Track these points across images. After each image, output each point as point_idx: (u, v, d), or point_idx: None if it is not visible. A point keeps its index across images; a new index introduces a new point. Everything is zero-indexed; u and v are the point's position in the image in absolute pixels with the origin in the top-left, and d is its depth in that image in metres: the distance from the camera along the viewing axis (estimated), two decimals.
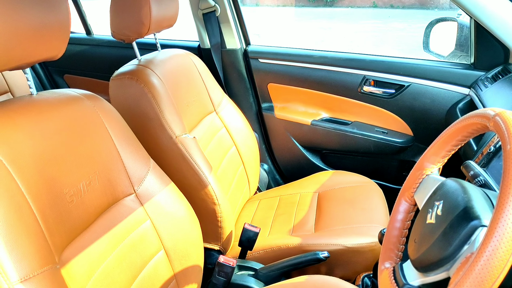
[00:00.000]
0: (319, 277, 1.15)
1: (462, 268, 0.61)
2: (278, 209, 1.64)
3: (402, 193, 0.94)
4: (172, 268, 1.06)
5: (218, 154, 1.57)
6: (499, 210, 0.56)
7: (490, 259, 0.55)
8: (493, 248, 0.55)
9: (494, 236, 0.55)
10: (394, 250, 0.90)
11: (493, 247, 0.55)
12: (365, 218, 1.44)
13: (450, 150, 0.87)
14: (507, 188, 0.57)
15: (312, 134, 1.96)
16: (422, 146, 1.84)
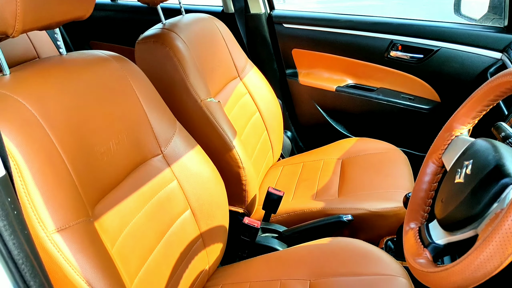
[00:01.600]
0: (343, 238, 1.16)
1: (491, 224, 0.60)
2: (302, 175, 1.64)
3: (429, 154, 0.93)
4: (198, 227, 1.09)
5: (242, 120, 1.57)
6: None
7: None
8: None
9: None
10: (420, 211, 0.89)
11: None
12: (390, 184, 1.43)
13: (481, 110, 0.84)
14: None
15: (337, 100, 1.94)
16: (449, 113, 1.79)
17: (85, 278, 0.66)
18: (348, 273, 1.05)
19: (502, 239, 0.56)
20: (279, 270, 1.12)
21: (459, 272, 0.62)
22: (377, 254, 1.09)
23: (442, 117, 1.81)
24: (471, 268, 0.59)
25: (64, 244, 0.66)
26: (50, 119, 0.73)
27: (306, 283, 1.06)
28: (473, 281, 0.60)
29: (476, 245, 0.59)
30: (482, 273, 0.59)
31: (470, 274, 0.60)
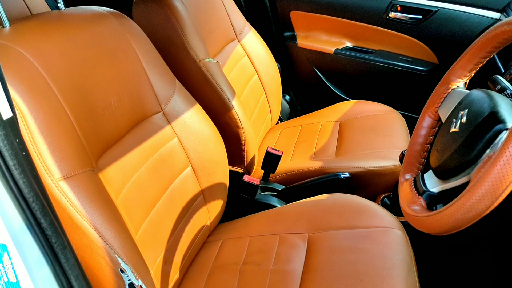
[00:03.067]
0: (340, 194, 1.19)
1: (484, 166, 0.62)
2: (300, 137, 1.66)
3: (426, 108, 0.95)
4: (199, 184, 1.12)
5: (240, 82, 1.57)
6: None
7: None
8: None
9: None
10: (415, 163, 0.92)
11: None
12: (387, 144, 1.46)
13: (478, 63, 0.85)
14: None
15: (335, 63, 1.93)
16: None
17: (92, 224, 0.69)
18: (344, 226, 1.08)
19: (493, 180, 0.58)
20: (279, 225, 1.15)
21: (451, 214, 0.64)
22: (373, 208, 1.13)
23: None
24: (463, 209, 0.62)
25: (70, 191, 0.68)
26: (52, 72, 0.74)
27: (304, 237, 1.09)
28: (465, 222, 0.63)
29: (469, 187, 0.62)
30: (474, 214, 0.61)
31: (462, 215, 0.62)
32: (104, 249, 0.69)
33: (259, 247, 1.10)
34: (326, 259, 1.00)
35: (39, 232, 0.52)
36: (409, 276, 0.93)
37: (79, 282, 0.55)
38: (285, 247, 1.08)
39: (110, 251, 0.69)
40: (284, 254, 1.06)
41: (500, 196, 0.58)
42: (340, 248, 1.03)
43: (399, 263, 0.96)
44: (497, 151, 0.58)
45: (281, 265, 1.03)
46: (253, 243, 1.12)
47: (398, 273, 0.93)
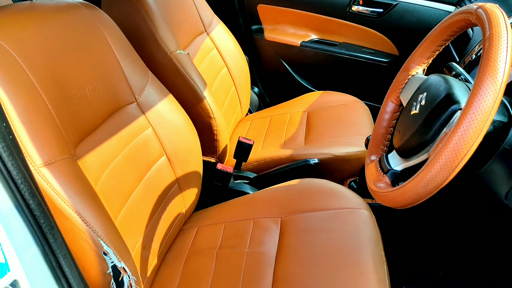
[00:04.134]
0: (309, 179, 1.25)
1: (441, 142, 0.68)
2: (269, 127, 1.71)
3: (389, 94, 1.01)
4: (174, 172, 1.14)
5: (210, 75, 1.60)
6: (477, 86, 0.63)
7: (466, 130, 0.62)
8: (469, 120, 0.62)
9: (471, 110, 0.62)
10: (380, 145, 0.98)
11: (470, 119, 0.62)
12: (352, 131, 1.53)
13: (435, 50, 0.92)
14: (485, 67, 0.64)
15: (302, 55, 1.99)
16: None
17: (74, 208, 0.70)
18: (315, 208, 1.14)
19: (449, 154, 0.64)
20: (252, 210, 1.20)
21: (413, 187, 0.70)
22: (341, 190, 1.19)
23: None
24: (423, 182, 0.68)
25: (52, 177, 0.69)
26: (29, 61, 0.75)
27: (277, 220, 1.14)
28: (425, 194, 0.69)
29: (428, 161, 0.68)
30: (433, 186, 0.67)
31: (423, 188, 0.68)
32: (87, 232, 0.71)
33: (234, 232, 1.14)
34: (298, 240, 1.05)
35: (28, 213, 0.53)
36: (376, 250, 1.00)
37: (67, 261, 0.57)
38: (259, 231, 1.12)
39: (93, 234, 0.71)
40: (258, 237, 1.10)
41: (456, 168, 0.64)
42: (311, 229, 1.08)
43: (367, 240, 1.03)
44: (452, 128, 0.65)
45: (256, 247, 1.07)
46: (228, 229, 1.16)
47: (366, 248, 1.00)
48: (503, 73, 0.62)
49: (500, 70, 0.62)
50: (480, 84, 0.63)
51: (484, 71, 0.63)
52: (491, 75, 0.62)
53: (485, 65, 0.64)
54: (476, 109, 0.62)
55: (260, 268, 1.00)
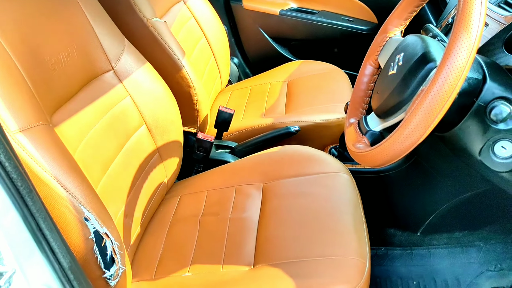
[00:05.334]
0: (290, 146, 1.26)
1: (417, 98, 0.69)
2: (250, 97, 1.70)
3: (367, 57, 1.02)
4: (154, 142, 1.13)
5: (188, 45, 1.57)
6: (451, 43, 0.64)
7: (441, 86, 0.63)
8: (444, 76, 0.63)
9: (445, 66, 0.63)
10: (359, 108, 0.99)
11: (444, 75, 0.63)
12: (332, 99, 1.54)
13: (412, 11, 0.92)
14: (459, 24, 0.64)
15: (281, 24, 1.97)
16: None
17: (53, 175, 0.69)
18: (296, 174, 1.15)
19: (425, 111, 0.65)
20: (234, 178, 1.20)
21: (390, 145, 0.71)
22: (322, 156, 1.20)
23: None
24: (400, 140, 0.69)
25: (28, 143, 0.68)
26: (0, 27, 0.72)
27: (259, 187, 1.15)
28: (402, 151, 0.70)
29: (404, 119, 0.69)
30: (410, 142, 0.68)
31: (400, 145, 0.70)
32: (67, 198, 0.70)
33: (217, 199, 1.15)
34: (280, 205, 1.07)
35: (4, 175, 0.52)
36: (356, 212, 1.02)
37: (48, 224, 0.57)
38: (241, 197, 1.13)
39: (73, 200, 0.71)
40: (240, 203, 1.11)
41: (432, 124, 0.66)
42: (292, 193, 1.10)
43: (347, 202, 1.05)
44: (427, 85, 0.66)
45: (239, 213, 1.08)
46: (211, 196, 1.17)
47: (346, 210, 1.02)
48: (477, 29, 0.63)
49: (474, 26, 0.63)
50: (455, 40, 0.64)
51: (458, 28, 0.64)
52: (465, 31, 0.63)
53: (459, 22, 0.64)
54: (451, 65, 0.63)
55: (243, 233, 1.02)
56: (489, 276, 1.26)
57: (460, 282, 1.27)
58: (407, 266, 1.31)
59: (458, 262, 1.30)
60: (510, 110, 0.70)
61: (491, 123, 0.76)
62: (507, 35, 0.96)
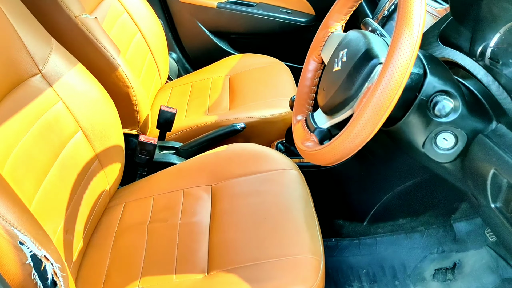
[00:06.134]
0: (238, 144, 1.23)
1: (365, 96, 0.69)
2: (192, 94, 1.65)
3: (310, 53, 1.01)
4: (93, 148, 1.06)
5: (123, 42, 1.49)
6: (395, 40, 0.64)
7: (388, 84, 0.64)
8: (390, 74, 0.64)
9: (390, 64, 0.64)
10: (305, 104, 0.98)
11: (390, 73, 0.64)
12: (276, 93, 1.53)
13: (352, 6, 0.93)
14: (401, 21, 0.65)
15: (219, 17, 1.93)
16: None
17: None
18: (245, 173, 1.13)
19: (373, 108, 0.65)
20: (181, 180, 1.16)
21: (340, 144, 0.71)
22: (269, 153, 1.19)
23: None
24: (351, 137, 0.69)
25: None
26: None
27: (208, 188, 1.12)
28: (353, 149, 0.70)
29: (353, 117, 0.69)
30: (360, 140, 0.68)
31: (350, 143, 0.70)
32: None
33: (164, 204, 1.10)
34: (231, 205, 1.05)
35: None
36: (307, 208, 1.02)
37: None
38: (190, 201, 1.09)
39: (5, 224, 0.64)
40: (190, 207, 1.07)
41: (380, 121, 0.66)
42: (242, 193, 1.08)
43: (297, 199, 1.04)
44: (374, 83, 0.66)
45: (188, 218, 1.04)
46: (158, 202, 1.12)
47: (298, 207, 1.02)
48: (418, 25, 0.64)
49: (416, 22, 0.63)
50: (398, 37, 0.64)
51: (400, 25, 0.64)
52: (407, 28, 0.63)
53: (400, 19, 0.65)
54: (395, 62, 0.63)
55: (195, 238, 0.98)
56: (432, 258, 1.32)
57: (406, 267, 1.32)
58: (356, 255, 1.35)
59: (403, 248, 1.36)
60: (452, 104, 0.72)
61: (433, 116, 0.78)
62: (441, 27, 1.00)
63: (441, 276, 1.28)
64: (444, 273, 1.28)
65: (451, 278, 1.27)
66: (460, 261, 1.29)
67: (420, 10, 0.64)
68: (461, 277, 1.26)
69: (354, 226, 1.37)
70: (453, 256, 1.31)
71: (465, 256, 1.30)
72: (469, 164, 0.79)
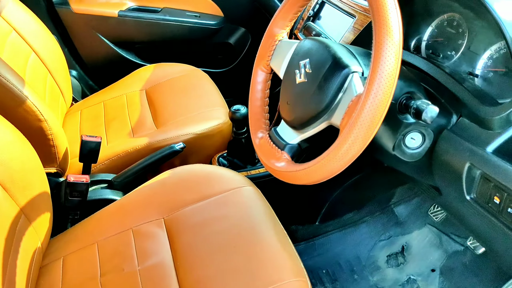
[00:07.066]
0: (182, 168, 1.13)
1: (354, 108, 0.65)
2: (107, 115, 1.48)
3: (257, 64, 0.95)
4: (15, 203, 0.88)
5: (17, 65, 1.27)
6: (378, 50, 0.62)
7: (377, 95, 0.61)
8: (378, 85, 0.61)
9: (378, 74, 0.61)
10: (262, 119, 0.92)
11: (378, 84, 0.61)
12: (203, 103, 1.44)
13: (297, 11, 0.89)
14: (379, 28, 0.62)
15: (121, 27, 1.76)
16: (233, 26, 1.87)
17: None
18: (198, 198, 1.04)
19: (364, 122, 0.62)
20: (127, 218, 1.03)
21: (328, 162, 0.67)
22: (219, 172, 1.11)
23: (227, 32, 1.87)
24: (340, 154, 0.65)
25: None
26: None
27: (160, 222, 1.00)
28: (342, 166, 0.67)
29: (342, 133, 0.65)
30: (350, 157, 0.65)
31: (340, 160, 0.66)
32: None
33: (113, 250, 0.96)
34: (192, 238, 0.95)
35: None
36: (275, 225, 0.97)
37: None
38: (143, 240, 0.97)
39: None
40: (145, 248, 0.95)
41: (372, 134, 0.63)
42: (201, 222, 0.99)
43: (262, 217, 0.99)
44: (363, 94, 0.62)
45: (147, 261, 0.92)
46: (104, 248, 0.97)
47: (266, 226, 0.96)
48: (398, 32, 0.62)
49: (395, 28, 0.62)
50: (381, 46, 0.61)
51: (380, 34, 0.62)
52: (389, 36, 0.61)
53: (379, 27, 0.62)
54: (382, 72, 0.61)
55: (162, 284, 0.88)
56: (382, 245, 1.37)
57: (360, 258, 1.35)
58: (313, 257, 1.35)
59: (353, 240, 1.39)
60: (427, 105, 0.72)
61: (402, 118, 0.79)
62: None
63: (393, 262, 1.33)
64: (395, 258, 1.34)
65: (402, 261, 1.33)
66: (406, 243, 1.36)
67: (397, 15, 0.62)
68: (411, 258, 1.33)
69: (307, 228, 1.36)
70: (399, 240, 1.38)
71: (410, 237, 1.38)
72: (439, 160, 0.81)
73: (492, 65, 0.83)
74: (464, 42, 0.91)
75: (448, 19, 0.96)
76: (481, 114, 0.75)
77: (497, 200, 0.72)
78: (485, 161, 0.72)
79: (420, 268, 1.29)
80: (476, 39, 0.88)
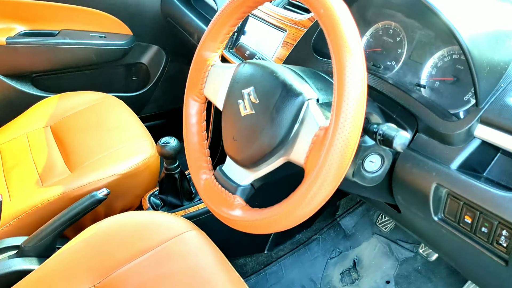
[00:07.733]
0: (110, 219, 0.96)
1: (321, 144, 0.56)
2: (5, 163, 1.25)
3: (188, 93, 0.83)
4: None
5: None
6: (340, 73, 0.53)
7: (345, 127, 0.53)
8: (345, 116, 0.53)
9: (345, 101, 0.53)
10: (203, 157, 0.80)
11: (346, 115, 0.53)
12: (124, 136, 1.27)
13: (228, 31, 0.78)
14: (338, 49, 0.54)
15: (12, 56, 1.50)
16: (145, 44, 1.71)
17: None
18: (133, 255, 0.88)
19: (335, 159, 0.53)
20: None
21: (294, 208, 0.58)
22: (155, 219, 0.97)
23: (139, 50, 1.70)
24: (308, 198, 0.56)
25: None
26: None
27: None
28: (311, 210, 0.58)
29: (310, 173, 0.56)
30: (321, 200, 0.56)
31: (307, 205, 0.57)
32: None
33: None
34: None
35: None
36: (229, 272, 0.87)
37: None
38: None
39: None
40: None
41: (343, 175, 0.55)
42: (144, 283, 0.84)
43: (214, 266, 0.87)
44: (330, 130, 0.54)
45: None
46: None
47: (220, 277, 0.85)
48: (359, 48, 0.54)
49: (356, 46, 0.54)
50: (342, 69, 0.53)
51: (339, 54, 0.54)
52: (350, 56, 0.53)
53: (337, 47, 0.54)
54: (349, 99, 0.53)
55: None
56: (334, 262, 1.32)
57: (314, 280, 1.29)
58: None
59: (306, 262, 1.32)
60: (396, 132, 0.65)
61: (360, 142, 0.72)
62: (312, 39, 0.94)
63: (348, 279, 1.28)
64: (349, 274, 1.29)
65: (356, 277, 1.29)
66: (357, 256, 1.32)
67: (354, 34, 0.54)
68: (364, 272, 1.29)
69: (256, 258, 1.26)
70: (350, 254, 1.34)
71: (359, 250, 1.34)
72: (401, 181, 0.76)
73: (438, 74, 0.80)
74: (403, 51, 0.87)
75: (382, 28, 0.92)
76: (440, 130, 0.70)
77: (469, 219, 0.67)
78: (451, 179, 0.68)
79: (376, 281, 1.25)
80: (417, 48, 0.85)
